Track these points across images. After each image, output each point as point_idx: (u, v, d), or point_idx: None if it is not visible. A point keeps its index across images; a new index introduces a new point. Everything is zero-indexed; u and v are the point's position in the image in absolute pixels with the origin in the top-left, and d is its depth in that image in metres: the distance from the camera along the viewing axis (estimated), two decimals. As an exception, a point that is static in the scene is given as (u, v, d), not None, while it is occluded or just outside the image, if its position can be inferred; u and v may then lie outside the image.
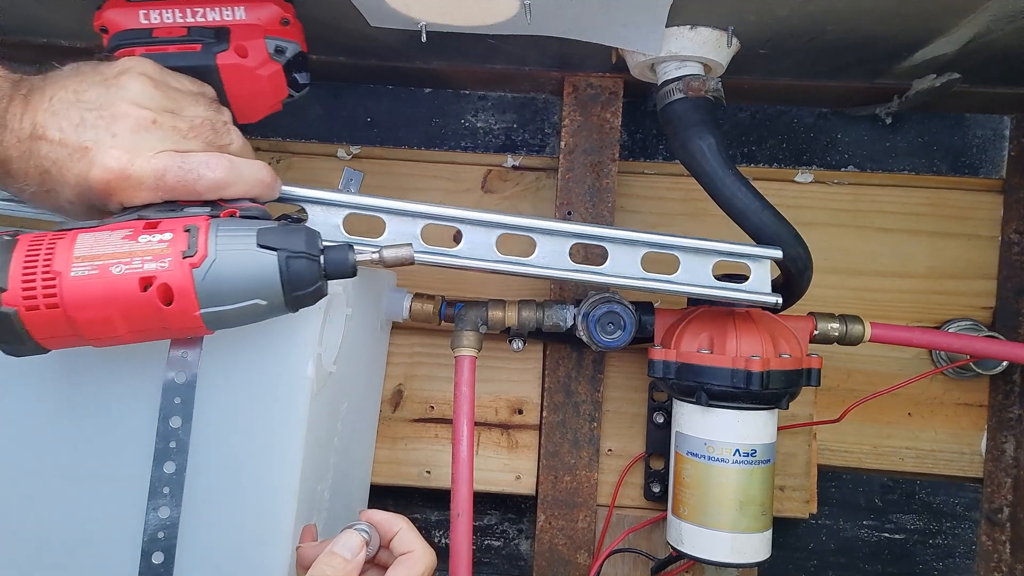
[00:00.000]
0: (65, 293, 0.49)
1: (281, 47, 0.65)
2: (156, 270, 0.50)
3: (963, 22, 0.67)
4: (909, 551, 1.00)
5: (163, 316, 0.50)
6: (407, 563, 0.55)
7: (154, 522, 0.56)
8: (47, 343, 0.51)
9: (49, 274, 0.49)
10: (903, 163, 0.96)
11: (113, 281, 0.49)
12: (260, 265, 0.52)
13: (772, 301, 0.71)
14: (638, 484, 0.95)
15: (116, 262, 0.50)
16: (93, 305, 0.49)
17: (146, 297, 0.50)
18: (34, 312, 0.49)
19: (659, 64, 0.76)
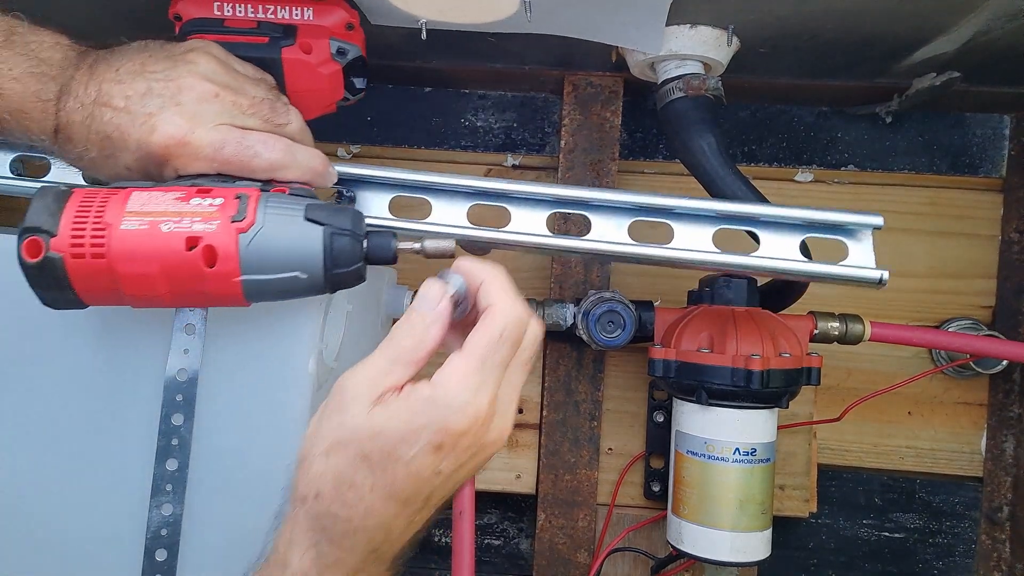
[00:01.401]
0: (113, 245, 0.49)
1: (343, 49, 0.67)
2: (204, 231, 0.50)
3: (963, 21, 0.67)
4: (909, 550, 1.00)
5: (204, 278, 0.50)
6: (485, 320, 0.45)
7: (157, 519, 0.57)
8: (86, 296, 0.51)
9: (99, 225, 0.50)
10: (903, 162, 0.96)
11: (161, 238, 0.50)
12: (305, 237, 0.52)
13: (878, 276, 0.62)
14: (638, 483, 0.95)
15: (166, 220, 0.50)
16: (138, 259, 0.50)
17: (190, 257, 0.50)
18: (80, 260, 0.49)
19: (659, 63, 0.76)
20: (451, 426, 0.43)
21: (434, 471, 0.43)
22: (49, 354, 0.60)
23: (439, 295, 0.47)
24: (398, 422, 0.43)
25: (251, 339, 0.60)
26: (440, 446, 0.43)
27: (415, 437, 0.42)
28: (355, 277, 0.54)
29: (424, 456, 0.42)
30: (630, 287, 0.95)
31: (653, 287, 0.96)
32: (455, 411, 0.43)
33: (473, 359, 0.44)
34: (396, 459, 0.42)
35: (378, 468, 0.42)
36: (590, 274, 0.90)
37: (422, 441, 0.42)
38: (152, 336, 0.59)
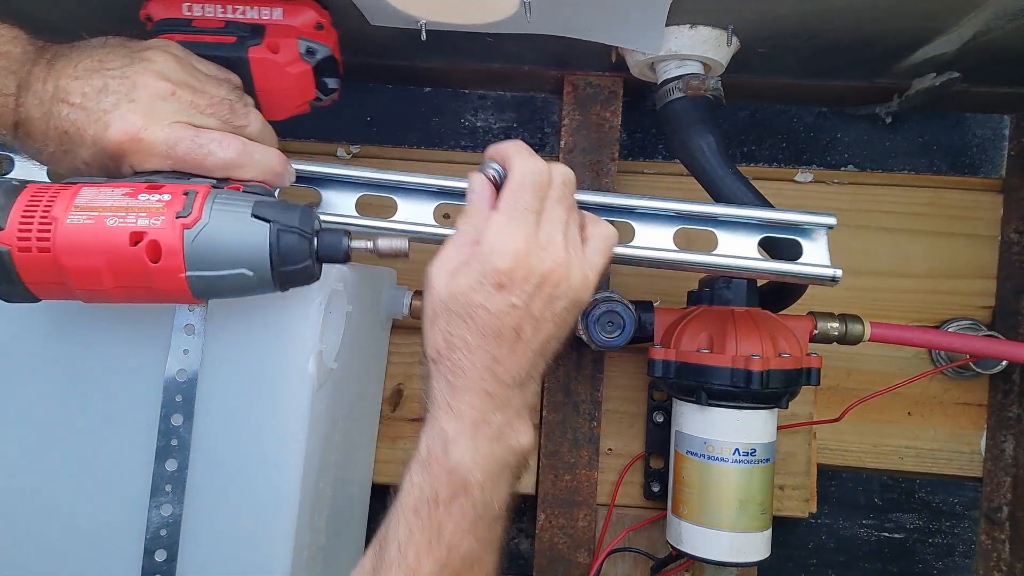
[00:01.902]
0: (58, 239, 0.50)
1: (313, 49, 0.67)
2: (148, 227, 0.50)
3: (963, 21, 0.67)
4: (909, 550, 1.00)
5: (149, 274, 0.51)
6: (507, 178, 0.55)
7: (156, 519, 0.57)
8: (37, 289, 0.52)
9: (46, 219, 0.50)
10: (903, 163, 0.96)
11: (105, 232, 0.50)
12: (250, 234, 0.52)
13: (831, 274, 0.64)
14: (638, 483, 0.95)
15: (112, 215, 0.51)
16: (82, 253, 0.50)
17: (134, 252, 0.50)
18: (26, 254, 0.50)
19: (659, 63, 0.76)
20: (498, 265, 0.51)
21: (509, 305, 0.52)
22: (49, 354, 0.60)
23: (480, 183, 0.56)
24: (465, 279, 0.52)
25: (251, 339, 0.60)
26: (500, 284, 0.51)
27: (479, 285, 0.51)
28: (305, 275, 0.55)
29: (492, 297, 0.51)
30: (630, 287, 0.95)
31: (653, 287, 0.96)
32: (496, 253, 0.51)
33: (502, 212, 0.53)
34: (475, 305, 0.51)
35: (466, 317, 0.52)
36: (590, 274, 0.89)
37: (486, 285, 0.51)
38: (152, 336, 0.59)
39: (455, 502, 0.51)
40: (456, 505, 0.51)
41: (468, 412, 0.52)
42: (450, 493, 0.51)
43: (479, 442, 0.52)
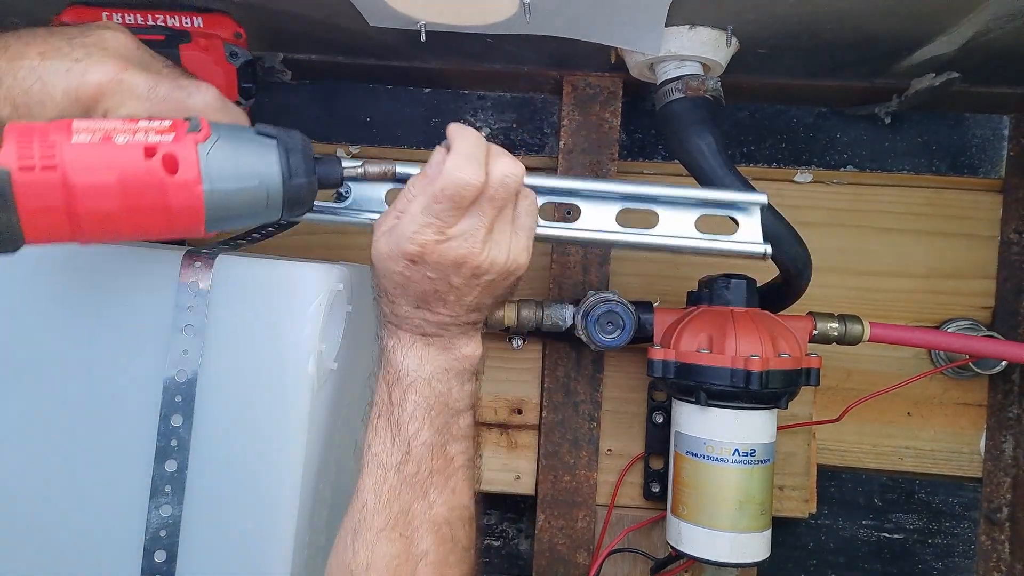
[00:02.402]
0: (65, 156, 0.46)
1: (236, 52, 0.71)
2: (161, 141, 0.49)
3: (963, 21, 0.67)
4: (908, 550, 1.00)
5: (165, 189, 0.48)
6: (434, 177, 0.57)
7: (156, 520, 0.57)
8: (31, 221, 0.47)
9: (48, 142, 0.47)
10: (902, 163, 0.96)
11: (117, 148, 0.48)
12: (261, 149, 0.52)
13: (760, 251, 0.67)
14: (637, 484, 0.94)
15: (119, 134, 0.48)
16: (94, 169, 0.47)
17: (149, 165, 0.48)
18: (28, 173, 0.46)
19: (658, 64, 0.76)
20: (407, 249, 0.57)
21: (424, 276, 0.58)
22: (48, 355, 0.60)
23: (440, 157, 0.58)
24: (385, 246, 0.58)
25: (251, 340, 0.60)
26: (413, 262, 0.57)
27: (396, 257, 0.58)
28: (309, 195, 0.56)
29: (409, 267, 0.58)
30: (629, 288, 0.95)
31: (652, 288, 0.96)
32: (405, 239, 0.57)
33: (418, 204, 0.57)
34: (393, 271, 0.58)
35: (389, 275, 0.59)
36: (589, 275, 0.90)
37: (401, 259, 0.57)
38: (151, 337, 0.59)
39: (407, 398, 0.60)
40: (408, 401, 0.60)
41: (407, 335, 0.61)
42: (401, 391, 0.60)
43: (420, 351, 0.61)
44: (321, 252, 0.74)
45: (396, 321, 0.61)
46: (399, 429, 0.59)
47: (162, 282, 0.59)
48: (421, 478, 0.60)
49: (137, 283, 0.60)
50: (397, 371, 0.61)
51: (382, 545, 0.58)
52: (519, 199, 0.61)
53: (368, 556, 0.57)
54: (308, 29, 0.72)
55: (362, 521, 0.58)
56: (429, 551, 0.59)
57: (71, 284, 0.60)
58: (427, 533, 0.59)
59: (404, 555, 0.58)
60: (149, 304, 0.59)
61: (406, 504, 0.59)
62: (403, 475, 0.59)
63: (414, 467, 0.59)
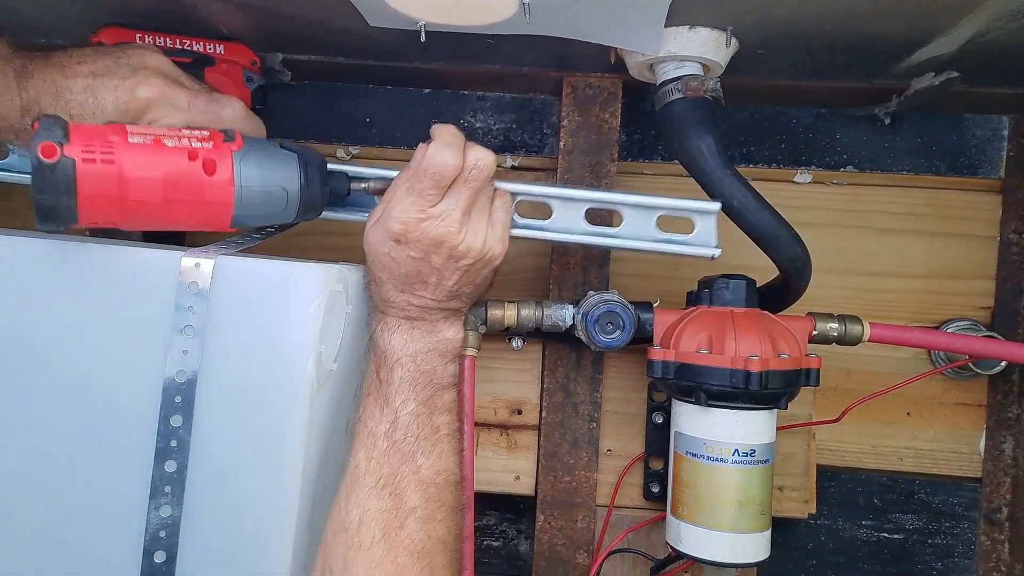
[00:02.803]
0: (122, 153, 0.55)
1: (251, 77, 0.81)
2: (202, 147, 0.58)
3: (962, 21, 0.67)
4: (908, 551, 1.00)
5: (203, 187, 0.58)
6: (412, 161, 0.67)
7: (156, 521, 0.57)
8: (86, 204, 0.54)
9: (107, 140, 0.55)
10: (902, 163, 0.96)
11: (166, 150, 0.57)
12: (284, 160, 0.63)
13: (710, 254, 0.73)
14: (637, 484, 0.95)
15: (167, 138, 0.58)
16: (145, 165, 0.56)
17: (192, 166, 0.57)
18: (91, 164, 0.54)
19: (658, 64, 0.76)
20: (392, 228, 0.65)
21: (407, 256, 0.65)
22: (48, 355, 0.60)
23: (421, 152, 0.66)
24: (375, 233, 0.66)
25: (250, 341, 0.60)
26: (398, 241, 0.65)
27: (384, 239, 0.66)
28: (321, 202, 0.68)
29: (394, 248, 0.65)
30: (629, 288, 0.95)
31: (652, 288, 0.96)
32: (392, 218, 0.65)
33: (403, 187, 0.66)
34: (381, 254, 0.66)
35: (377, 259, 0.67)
36: (589, 275, 0.90)
37: (388, 240, 0.65)
38: (151, 337, 0.59)
39: (393, 374, 0.66)
40: (395, 376, 0.66)
41: (393, 318, 0.68)
42: (388, 369, 0.66)
43: (405, 333, 0.67)
44: (321, 253, 0.74)
45: (383, 306, 0.68)
46: (387, 401, 0.66)
47: (162, 282, 0.59)
48: (408, 444, 0.65)
49: (137, 283, 0.60)
50: (384, 351, 0.67)
51: (373, 501, 0.63)
52: (495, 197, 0.69)
53: (360, 512, 0.62)
54: (308, 30, 0.72)
55: (354, 482, 0.64)
56: (418, 507, 0.64)
57: (71, 284, 0.60)
58: (415, 491, 0.64)
59: (394, 510, 0.63)
60: (149, 304, 0.59)
61: (395, 466, 0.64)
62: (392, 440, 0.65)
63: (402, 434, 0.65)
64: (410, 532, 0.63)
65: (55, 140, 0.52)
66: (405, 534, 0.63)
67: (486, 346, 0.85)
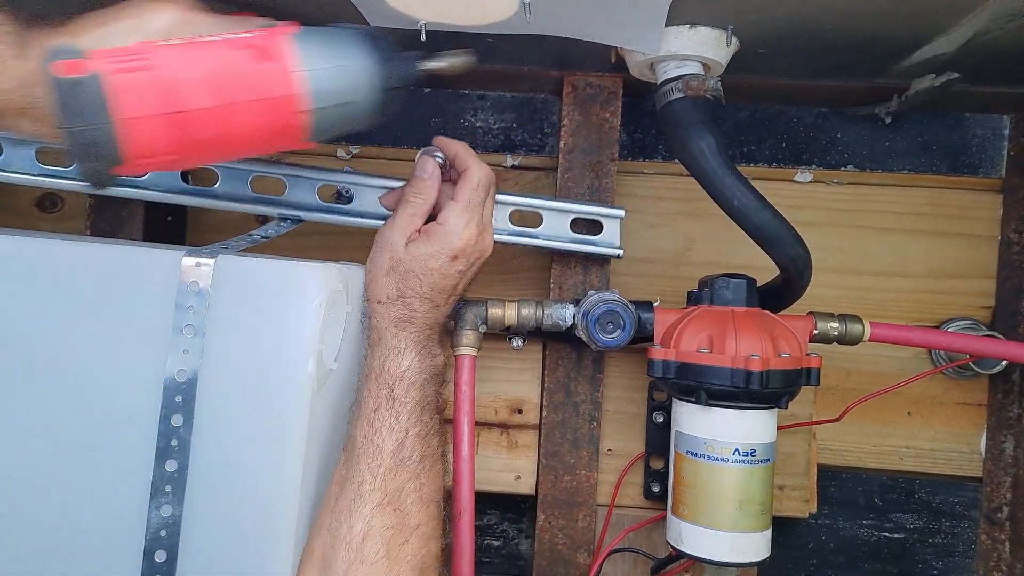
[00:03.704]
0: (157, 56, 0.45)
1: None
2: (251, 36, 0.48)
3: (963, 21, 0.67)
4: (909, 550, 1.00)
5: (259, 79, 0.47)
6: (465, 177, 0.70)
7: (156, 520, 0.57)
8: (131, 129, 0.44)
9: (138, 48, 0.45)
10: (902, 163, 0.96)
11: (204, 45, 0.47)
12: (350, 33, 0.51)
13: (615, 253, 0.85)
14: (638, 484, 0.95)
15: (207, 36, 0.48)
16: (187, 63, 0.46)
17: (243, 54, 0.47)
18: (124, 75, 0.44)
19: (658, 63, 0.76)
20: (456, 244, 0.68)
21: (457, 271, 0.69)
22: (49, 354, 0.60)
23: (433, 166, 0.71)
24: (426, 248, 0.68)
25: (251, 340, 0.60)
26: (455, 257, 0.69)
27: (439, 255, 0.68)
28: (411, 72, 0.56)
29: (447, 264, 0.69)
30: (629, 288, 0.95)
31: (652, 288, 0.96)
32: (456, 236, 0.68)
33: (461, 203, 0.69)
34: (431, 269, 0.68)
35: (421, 275, 0.68)
36: (589, 275, 0.90)
37: (442, 257, 0.68)
38: (152, 336, 0.59)
39: (408, 395, 0.67)
40: (408, 397, 0.67)
41: (413, 338, 0.69)
42: (403, 389, 0.67)
43: (417, 357, 0.68)
44: (321, 252, 0.74)
45: (403, 327, 0.69)
46: (397, 419, 0.66)
47: (163, 282, 0.59)
48: (413, 463, 0.66)
49: (138, 283, 0.60)
50: (402, 371, 0.68)
51: (377, 518, 0.63)
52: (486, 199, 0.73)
53: (364, 527, 0.63)
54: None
55: (358, 498, 0.64)
56: (421, 524, 0.66)
57: (72, 284, 0.60)
58: (419, 509, 0.66)
59: (399, 527, 0.64)
60: (150, 304, 0.59)
61: (400, 484, 0.65)
62: (398, 459, 0.65)
63: (408, 452, 0.66)
64: (414, 548, 0.64)
65: (72, 55, 0.43)
66: (409, 550, 0.64)
67: (486, 346, 0.85)
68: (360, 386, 0.69)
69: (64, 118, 0.43)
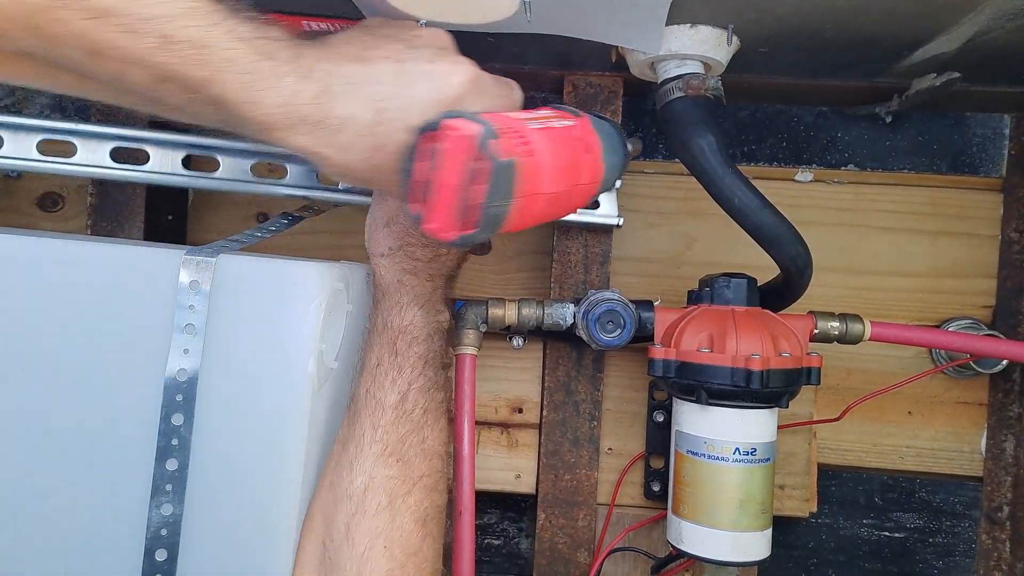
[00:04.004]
0: (534, 141, 0.48)
1: None
2: (573, 125, 0.53)
3: (963, 20, 0.67)
4: (909, 550, 1.00)
5: (583, 169, 0.53)
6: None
7: (157, 519, 0.57)
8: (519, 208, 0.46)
9: (519, 130, 0.48)
10: (903, 162, 0.96)
11: (560, 133, 0.51)
12: (613, 130, 0.61)
13: (614, 222, 0.86)
14: (638, 483, 0.95)
15: (542, 122, 0.51)
16: (558, 153, 0.50)
17: (579, 146, 0.53)
18: (527, 159, 0.46)
19: (659, 63, 0.76)
20: None
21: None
22: (49, 354, 0.60)
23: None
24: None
25: (251, 339, 0.60)
26: None
27: None
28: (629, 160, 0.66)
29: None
30: (630, 287, 0.95)
31: (653, 287, 0.96)
32: None
33: None
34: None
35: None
36: (590, 274, 0.90)
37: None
38: (152, 336, 0.59)
39: (410, 349, 0.66)
40: (411, 351, 0.66)
41: (416, 290, 0.67)
42: (406, 343, 0.66)
43: (420, 311, 0.67)
44: (321, 252, 0.74)
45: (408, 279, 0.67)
46: (400, 373, 0.65)
47: (163, 281, 0.59)
48: (416, 415, 0.65)
49: (138, 282, 0.60)
50: (405, 325, 0.67)
51: (380, 468, 0.63)
52: None
53: (366, 480, 0.62)
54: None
55: (359, 451, 0.63)
56: (424, 475, 0.65)
57: (73, 283, 0.60)
58: (422, 460, 0.65)
59: (401, 477, 0.63)
60: (150, 303, 0.59)
61: (403, 435, 0.64)
62: (401, 411, 0.65)
63: (410, 405, 0.65)
64: (417, 499, 0.64)
65: (492, 135, 0.44)
66: (412, 500, 0.64)
67: (487, 345, 0.85)
68: (364, 346, 0.68)
69: (493, 197, 0.44)
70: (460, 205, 0.44)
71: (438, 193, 0.45)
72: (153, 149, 0.81)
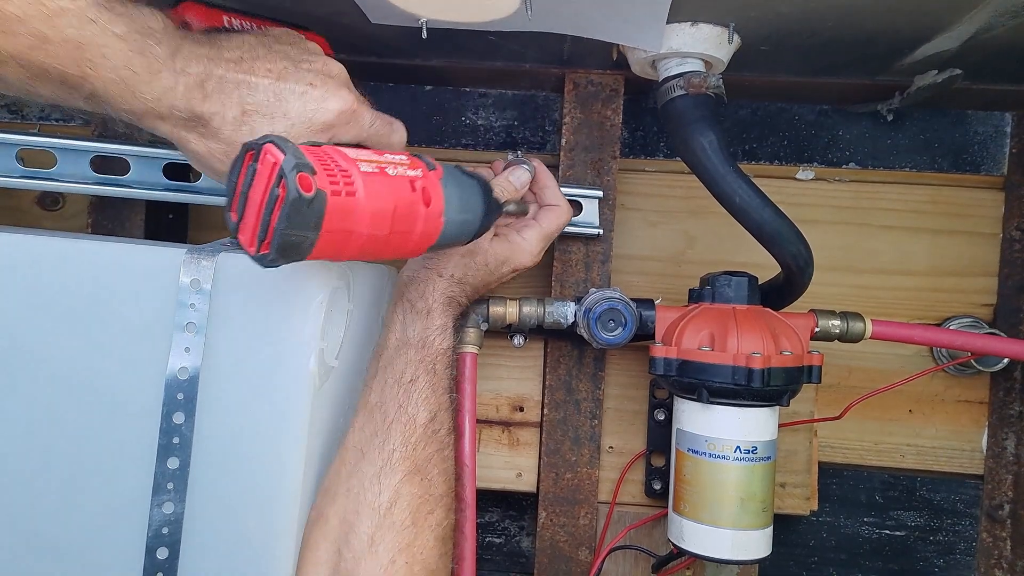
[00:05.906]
0: (361, 184, 0.50)
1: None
2: (416, 176, 0.55)
3: (965, 18, 0.67)
4: (910, 548, 1.00)
5: (418, 218, 0.55)
6: (555, 212, 0.78)
7: (158, 518, 0.57)
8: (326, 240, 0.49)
9: (345, 168, 0.50)
10: (904, 160, 0.96)
11: (392, 180, 0.53)
12: (472, 187, 0.62)
13: (594, 232, 0.88)
14: (639, 481, 0.95)
15: (388, 166, 0.53)
16: (380, 197, 0.51)
17: (413, 197, 0.54)
18: (338, 198, 0.48)
19: (660, 61, 0.76)
20: (523, 262, 0.76)
21: (501, 277, 0.76)
22: (51, 353, 0.60)
23: (527, 179, 0.77)
24: (503, 251, 0.74)
25: (252, 337, 0.60)
26: (515, 269, 0.76)
27: (507, 261, 0.75)
28: (489, 227, 0.66)
29: (506, 271, 0.76)
30: (631, 285, 0.95)
31: (654, 285, 0.96)
32: (528, 255, 0.76)
33: (545, 230, 0.77)
34: (492, 269, 0.74)
35: (484, 270, 0.73)
36: (591, 272, 0.90)
37: (508, 265, 0.75)
38: (154, 334, 0.59)
39: (446, 371, 0.70)
40: (446, 373, 0.70)
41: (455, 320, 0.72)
42: (444, 364, 0.70)
43: (454, 338, 0.72)
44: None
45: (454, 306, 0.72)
46: (433, 392, 0.68)
47: (164, 280, 0.59)
48: (442, 435, 0.68)
49: (139, 281, 0.60)
50: (444, 350, 0.70)
51: (406, 486, 0.64)
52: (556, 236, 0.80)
53: (392, 495, 0.63)
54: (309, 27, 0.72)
55: (387, 466, 0.64)
56: (444, 495, 0.67)
57: (74, 282, 0.60)
58: (443, 481, 0.67)
59: (425, 495, 0.65)
60: (151, 302, 0.59)
61: (429, 455, 0.66)
62: (429, 431, 0.67)
63: (438, 425, 0.68)
64: (438, 518, 0.66)
65: (308, 171, 0.46)
66: (434, 519, 0.65)
67: (488, 343, 0.85)
68: (392, 352, 0.69)
69: (290, 224, 0.46)
70: (262, 226, 0.47)
71: (248, 209, 0.48)
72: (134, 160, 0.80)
